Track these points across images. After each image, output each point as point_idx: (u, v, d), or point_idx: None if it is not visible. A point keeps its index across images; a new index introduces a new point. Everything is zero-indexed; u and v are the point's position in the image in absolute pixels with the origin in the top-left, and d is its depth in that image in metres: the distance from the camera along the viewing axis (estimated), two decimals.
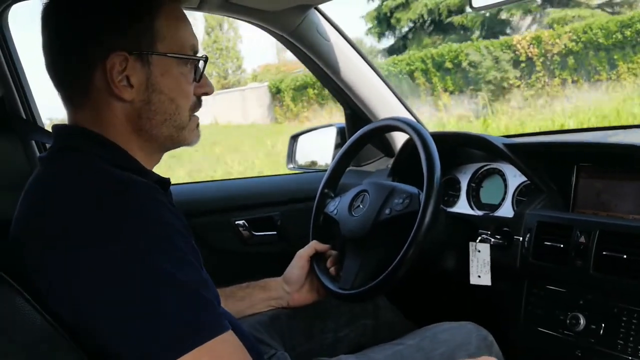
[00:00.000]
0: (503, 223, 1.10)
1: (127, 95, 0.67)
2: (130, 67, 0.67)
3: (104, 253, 0.57)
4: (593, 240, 0.93)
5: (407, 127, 1.03)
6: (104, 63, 0.66)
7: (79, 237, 0.58)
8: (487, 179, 1.27)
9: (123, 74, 0.67)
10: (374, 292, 0.96)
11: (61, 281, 0.59)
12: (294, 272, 1.06)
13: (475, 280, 1.07)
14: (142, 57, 0.67)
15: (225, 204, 1.46)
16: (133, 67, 0.67)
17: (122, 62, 0.66)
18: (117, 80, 0.66)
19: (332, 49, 1.40)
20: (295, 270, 1.06)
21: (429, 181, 0.93)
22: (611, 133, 1.31)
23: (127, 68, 0.67)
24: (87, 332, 0.59)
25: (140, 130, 0.70)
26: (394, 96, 1.52)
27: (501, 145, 1.14)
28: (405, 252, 0.90)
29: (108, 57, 0.66)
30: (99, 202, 0.59)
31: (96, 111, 0.68)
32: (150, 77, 0.68)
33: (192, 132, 0.75)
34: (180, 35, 0.71)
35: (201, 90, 0.75)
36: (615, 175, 1.02)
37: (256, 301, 1.04)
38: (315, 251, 1.08)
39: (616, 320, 0.91)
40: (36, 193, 0.66)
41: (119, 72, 0.66)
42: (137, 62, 0.67)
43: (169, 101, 0.70)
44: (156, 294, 0.56)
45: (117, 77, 0.66)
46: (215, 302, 0.62)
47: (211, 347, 0.57)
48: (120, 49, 0.66)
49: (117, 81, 0.66)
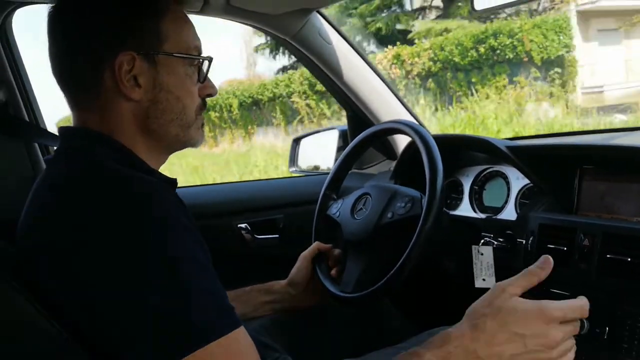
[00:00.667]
0: (506, 226, 1.10)
1: (136, 95, 0.68)
2: (137, 67, 0.67)
3: (117, 255, 0.57)
4: (597, 243, 0.93)
5: (409, 129, 1.03)
6: (112, 63, 0.66)
7: (90, 240, 0.58)
8: (490, 181, 1.26)
9: (131, 74, 0.67)
10: (375, 296, 0.95)
11: (73, 284, 0.59)
12: (299, 274, 1.06)
13: (480, 283, 1.07)
14: (149, 57, 0.68)
15: (228, 207, 1.46)
16: (140, 67, 0.68)
17: (129, 61, 0.67)
18: (125, 80, 0.67)
19: (334, 52, 1.40)
20: (300, 272, 1.06)
21: (432, 185, 0.92)
22: (615, 135, 1.31)
23: (134, 68, 0.67)
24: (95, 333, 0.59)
25: (148, 130, 0.71)
26: (396, 99, 1.52)
27: (504, 147, 1.14)
28: (407, 257, 0.90)
29: (116, 57, 0.66)
30: (110, 203, 0.59)
31: (104, 112, 0.69)
32: (157, 77, 0.69)
33: (198, 131, 0.75)
34: (184, 36, 0.72)
35: (205, 91, 0.76)
36: (619, 178, 1.02)
37: (260, 304, 1.04)
38: (318, 251, 1.08)
39: (621, 323, 0.91)
40: (45, 196, 0.66)
41: (127, 72, 0.67)
42: (144, 62, 0.68)
43: (176, 100, 0.71)
44: (172, 292, 0.56)
45: (125, 76, 0.67)
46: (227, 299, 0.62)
47: (225, 343, 0.57)
48: (128, 49, 0.67)
49: (125, 81, 0.67)
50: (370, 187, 1.09)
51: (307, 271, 1.06)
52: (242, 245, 1.44)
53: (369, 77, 1.47)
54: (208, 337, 0.56)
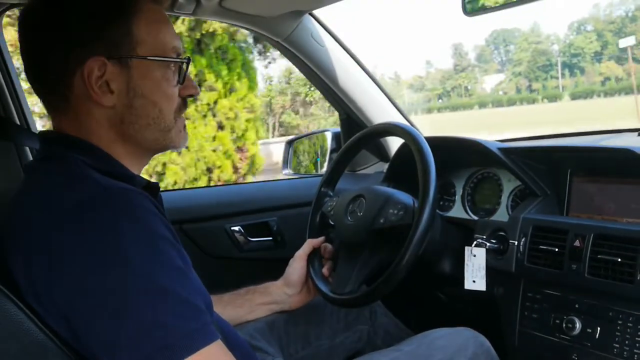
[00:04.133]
0: (498, 227, 1.10)
1: (107, 101, 0.66)
2: (109, 72, 0.65)
3: (93, 264, 0.56)
4: (588, 244, 0.94)
5: (402, 132, 1.04)
6: (82, 69, 0.64)
7: (66, 249, 0.57)
8: (482, 183, 1.27)
9: (102, 79, 0.65)
10: (366, 298, 0.96)
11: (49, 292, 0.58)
12: (295, 274, 1.06)
13: (469, 285, 1.07)
14: (122, 62, 0.66)
15: (221, 210, 1.46)
16: (112, 72, 0.65)
17: (100, 67, 0.65)
18: (96, 86, 0.65)
19: (327, 55, 1.41)
20: (296, 272, 1.06)
21: (424, 192, 0.93)
22: (605, 137, 1.32)
23: (106, 73, 0.65)
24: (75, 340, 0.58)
25: (124, 135, 0.69)
26: (389, 101, 1.53)
27: (496, 150, 1.14)
28: (398, 263, 0.90)
29: (86, 62, 0.64)
30: (86, 212, 0.58)
31: (78, 117, 0.67)
32: (131, 82, 0.67)
33: (179, 134, 0.73)
34: (161, 37, 0.69)
35: (186, 92, 0.73)
36: (609, 179, 1.03)
37: (257, 306, 1.03)
38: (312, 248, 1.08)
39: (612, 323, 0.91)
40: (23, 204, 0.65)
41: (98, 78, 0.65)
42: (116, 66, 0.66)
43: (152, 105, 0.68)
44: (146, 304, 0.56)
45: (96, 82, 0.65)
46: (207, 310, 0.61)
47: (201, 356, 0.56)
48: (98, 54, 0.65)
49: (96, 87, 0.65)
50: (364, 189, 1.09)
51: (303, 271, 1.06)
52: (236, 248, 1.44)
53: (362, 80, 1.47)
54: (184, 350, 0.55)
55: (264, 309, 1.04)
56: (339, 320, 1.10)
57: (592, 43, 64.36)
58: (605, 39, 63.21)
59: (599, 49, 63.39)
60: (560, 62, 65.17)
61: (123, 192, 0.61)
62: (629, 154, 0.96)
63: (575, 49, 65.10)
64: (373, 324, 1.13)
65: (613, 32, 63.24)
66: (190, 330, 0.56)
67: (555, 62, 66.00)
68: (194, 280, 0.62)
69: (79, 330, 0.57)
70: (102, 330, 0.56)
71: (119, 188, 0.61)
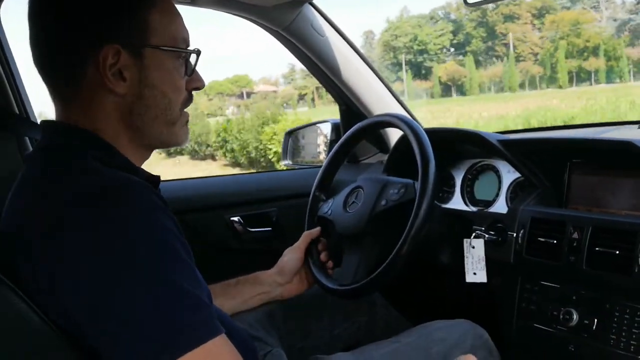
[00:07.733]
0: (497, 219, 1.11)
1: (120, 89, 0.66)
2: (123, 61, 0.66)
3: (98, 257, 0.56)
4: (586, 236, 0.94)
5: (401, 123, 1.03)
6: (97, 56, 0.64)
7: (68, 242, 0.57)
8: (482, 175, 1.27)
9: (116, 67, 0.65)
10: (374, 283, 0.94)
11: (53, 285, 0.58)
12: (290, 264, 1.05)
13: (470, 277, 1.07)
14: (135, 51, 0.66)
15: (221, 200, 1.46)
16: (126, 61, 0.66)
17: (114, 55, 0.65)
18: (109, 74, 0.65)
19: (327, 45, 1.40)
20: (291, 262, 1.05)
21: (424, 170, 0.92)
22: (604, 129, 1.32)
23: (119, 61, 0.65)
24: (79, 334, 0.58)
25: (132, 126, 0.69)
26: (389, 92, 1.52)
27: (495, 141, 1.14)
28: (404, 240, 0.89)
29: (101, 49, 0.64)
30: (91, 203, 0.58)
31: (87, 106, 0.67)
32: (143, 71, 0.67)
33: (182, 129, 0.74)
34: (172, 28, 0.70)
35: (192, 84, 0.74)
36: (608, 172, 1.03)
37: (248, 297, 1.03)
38: (310, 240, 1.07)
39: (609, 315, 0.92)
40: (25, 195, 0.65)
41: (112, 65, 0.65)
42: (130, 55, 0.66)
43: (161, 95, 0.69)
44: (151, 296, 0.56)
45: (110, 70, 0.65)
46: (209, 302, 0.61)
47: (206, 349, 0.56)
48: (113, 42, 0.65)
49: (109, 74, 0.65)
50: (361, 180, 1.09)
51: (297, 262, 1.05)
52: (235, 238, 1.44)
53: (362, 70, 1.47)
54: (189, 343, 0.55)
55: (256, 299, 1.03)
56: (338, 312, 1.11)
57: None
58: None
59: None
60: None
61: (128, 185, 0.61)
62: (630, 146, 0.96)
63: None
64: (372, 315, 1.14)
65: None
66: (195, 323, 0.56)
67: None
68: (197, 273, 0.62)
69: (82, 322, 0.57)
70: (108, 321, 0.56)
71: (124, 180, 0.61)
